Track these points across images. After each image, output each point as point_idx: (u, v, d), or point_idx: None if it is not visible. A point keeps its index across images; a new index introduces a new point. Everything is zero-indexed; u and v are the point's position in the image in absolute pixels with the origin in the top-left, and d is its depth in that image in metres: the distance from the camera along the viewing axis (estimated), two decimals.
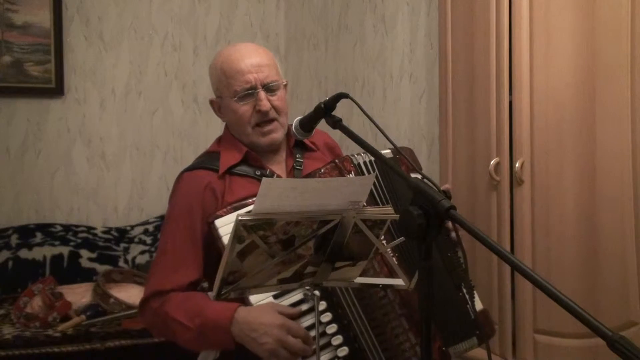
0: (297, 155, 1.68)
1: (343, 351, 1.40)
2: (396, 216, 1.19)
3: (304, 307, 1.41)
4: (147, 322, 1.58)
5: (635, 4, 2.09)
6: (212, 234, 1.46)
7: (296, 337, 1.36)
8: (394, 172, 1.48)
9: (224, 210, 1.46)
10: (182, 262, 1.53)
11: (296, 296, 1.42)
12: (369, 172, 1.54)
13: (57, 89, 3.44)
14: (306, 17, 3.71)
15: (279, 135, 1.63)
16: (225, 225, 1.43)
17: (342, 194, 1.17)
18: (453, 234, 1.58)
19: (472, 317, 1.52)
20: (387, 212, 1.22)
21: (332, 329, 1.41)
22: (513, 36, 2.19)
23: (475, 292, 1.55)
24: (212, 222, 1.44)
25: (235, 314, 1.39)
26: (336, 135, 1.82)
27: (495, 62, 2.24)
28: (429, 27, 2.83)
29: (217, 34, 3.77)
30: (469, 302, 1.51)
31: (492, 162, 2.24)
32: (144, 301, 1.55)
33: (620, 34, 2.10)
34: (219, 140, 1.71)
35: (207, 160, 1.65)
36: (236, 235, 1.09)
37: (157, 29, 3.65)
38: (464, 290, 1.55)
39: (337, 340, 1.40)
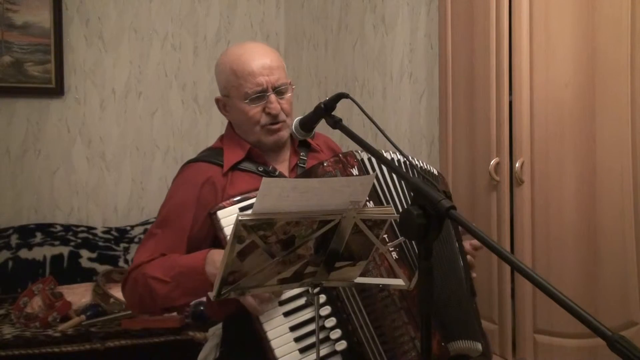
0: (302, 154, 1.70)
1: (341, 345, 1.40)
2: (396, 216, 1.19)
3: (303, 300, 1.42)
4: (129, 293, 1.58)
5: (635, 4, 2.09)
6: (213, 225, 1.47)
7: None
8: (395, 172, 1.48)
9: (227, 202, 1.48)
10: (166, 249, 1.56)
11: (295, 290, 1.42)
12: (372, 168, 1.54)
13: (57, 89, 3.43)
14: (306, 17, 3.71)
15: (285, 133, 1.66)
16: (227, 217, 1.45)
17: (343, 194, 1.17)
18: (469, 257, 1.61)
19: (479, 327, 1.53)
20: (387, 212, 1.22)
21: (330, 322, 1.41)
22: (513, 36, 2.19)
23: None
24: (215, 213, 1.46)
25: (208, 254, 1.44)
26: (336, 135, 1.83)
27: (495, 62, 2.24)
28: (429, 27, 2.83)
29: (217, 34, 3.77)
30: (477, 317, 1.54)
31: (492, 162, 2.24)
32: (127, 276, 1.57)
33: (620, 34, 2.10)
34: (222, 138, 1.72)
35: (211, 155, 1.67)
36: (236, 235, 1.09)
37: (157, 29, 3.65)
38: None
39: (336, 334, 1.41)
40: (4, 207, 3.38)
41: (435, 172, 1.67)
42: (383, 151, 1.55)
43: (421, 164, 1.64)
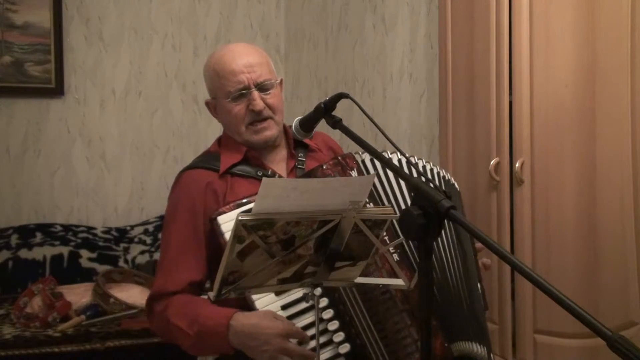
0: (300, 155, 1.68)
1: (344, 348, 1.40)
2: (396, 216, 1.19)
3: (305, 304, 1.42)
4: (154, 326, 1.60)
5: (635, 4, 2.09)
6: (214, 231, 1.46)
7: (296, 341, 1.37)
8: (395, 173, 1.48)
9: (227, 207, 1.46)
10: (185, 261, 1.54)
11: (297, 294, 1.42)
12: (373, 169, 1.54)
13: (57, 89, 3.43)
14: (306, 17, 3.71)
15: (273, 132, 1.64)
16: (227, 222, 1.43)
17: (342, 194, 1.17)
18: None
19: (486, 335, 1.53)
20: (386, 212, 1.22)
21: (333, 325, 1.41)
22: (513, 36, 2.18)
23: None
24: (215, 219, 1.45)
25: (231, 321, 1.39)
26: (336, 135, 1.83)
27: (495, 62, 2.24)
28: (429, 27, 2.83)
29: (217, 34, 3.77)
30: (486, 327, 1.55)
31: (492, 162, 2.24)
32: (149, 303, 1.57)
33: (620, 34, 2.10)
34: (219, 141, 1.72)
35: (207, 160, 1.66)
36: (236, 235, 1.09)
37: (157, 29, 3.65)
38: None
39: (339, 337, 1.40)
40: (4, 207, 3.38)
41: (456, 184, 1.67)
42: (388, 152, 1.55)
43: (438, 170, 1.63)
